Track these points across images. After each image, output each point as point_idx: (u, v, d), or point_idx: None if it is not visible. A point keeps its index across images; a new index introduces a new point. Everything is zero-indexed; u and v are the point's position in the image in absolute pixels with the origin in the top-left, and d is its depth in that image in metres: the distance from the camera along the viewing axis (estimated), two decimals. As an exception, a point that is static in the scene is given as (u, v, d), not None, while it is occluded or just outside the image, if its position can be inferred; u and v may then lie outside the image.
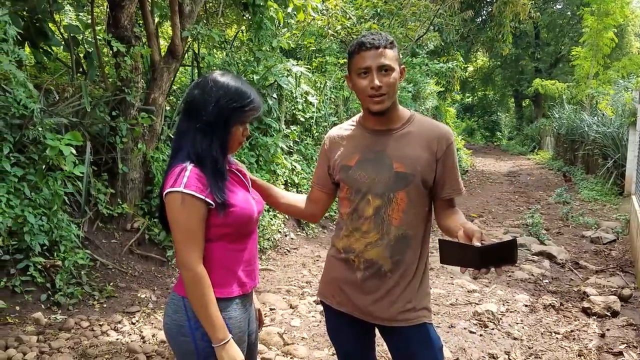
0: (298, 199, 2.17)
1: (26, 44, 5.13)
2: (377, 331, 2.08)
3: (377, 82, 1.83)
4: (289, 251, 6.54)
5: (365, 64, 1.84)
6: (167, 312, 1.76)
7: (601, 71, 17.37)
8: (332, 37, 10.61)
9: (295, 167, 7.59)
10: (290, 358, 3.62)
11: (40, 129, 4.08)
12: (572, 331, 4.15)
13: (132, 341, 3.69)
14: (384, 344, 2.07)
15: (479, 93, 38.16)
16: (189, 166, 1.64)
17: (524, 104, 35.57)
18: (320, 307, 4.51)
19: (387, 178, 1.89)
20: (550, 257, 6.45)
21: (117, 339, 3.73)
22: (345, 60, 2.32)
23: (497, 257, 1.52)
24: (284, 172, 7.22)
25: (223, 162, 1.72)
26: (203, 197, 1.62)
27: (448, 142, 1.92)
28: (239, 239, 1.77)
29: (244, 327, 1.80)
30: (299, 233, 7.28)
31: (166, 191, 1.64)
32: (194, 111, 1.69)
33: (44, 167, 4.16)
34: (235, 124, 1.71)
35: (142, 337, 3.79)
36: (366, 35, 1.86)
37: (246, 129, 1.77)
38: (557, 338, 4.05)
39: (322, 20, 9.93)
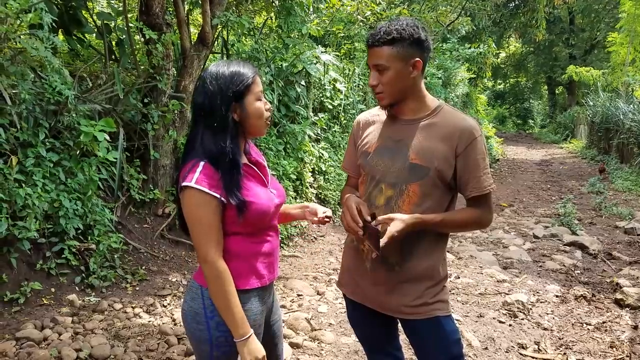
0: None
1: (60, 32, 5.22)
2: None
3: (371, 81, 1.85)
4: (315, 238, 6.57)
5: (369, 61, 1.84)
6: (185, 298, 1.79)
7: (638, 58, 16.80)
8: (361, 23, 10.50)
9: (322, 154, 7.59)
10: (318, 343, 3.65)
11: (74, 115, 4.16)
12: (604, 322, 4.08)
13: (163, 323, 3.77)
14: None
15: (511, 80, 37.40)
16: (202, 162, 1.63)
17: (557, 92, 34.75)
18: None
19: (401, 168, 1.85)
20: (582, 247, 6.33)
21: (149, 321, 3.81)
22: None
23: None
24: (312, 160, 7.22)
25: (237, 152, 1.68)
26: (212, 193, 1.61)
27: (470, 138, 1.81)
28: (256, 232, 1.76)
29: (260, 320, 1.80)
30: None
31: (180, 186, 1.64)
32: (201, 111, 1.67)
33: (78, 152, 4.25)
34: (234, 106, 1.67)
35: (174, 320, 3.87)
36: (374, 29, 1.83)
37: (260, 101, 1.71)
38: (588, 329, 3.99)
39: (351, 6, 9.83)
